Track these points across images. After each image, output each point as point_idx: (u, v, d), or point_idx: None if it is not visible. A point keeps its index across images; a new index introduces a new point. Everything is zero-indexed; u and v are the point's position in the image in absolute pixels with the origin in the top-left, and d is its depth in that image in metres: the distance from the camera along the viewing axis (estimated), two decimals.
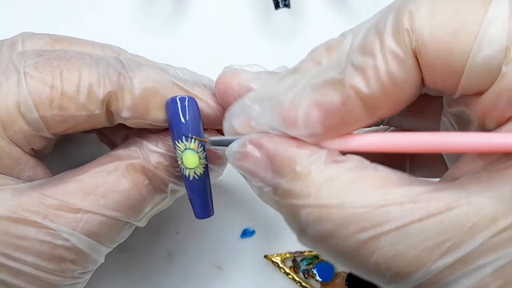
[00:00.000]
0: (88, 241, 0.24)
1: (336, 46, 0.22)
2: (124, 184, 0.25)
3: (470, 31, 0.17)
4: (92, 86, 0.24)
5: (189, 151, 0.25)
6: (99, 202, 0.24)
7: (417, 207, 0.18)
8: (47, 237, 0.23)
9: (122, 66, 0.25)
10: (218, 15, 0.38)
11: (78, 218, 0.24)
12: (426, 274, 0.17)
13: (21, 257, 0.23)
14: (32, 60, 0.24)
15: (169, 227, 0.35)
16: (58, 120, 0.24)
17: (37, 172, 0.26)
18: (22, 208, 0.23)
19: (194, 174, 0.26)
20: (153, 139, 0.26)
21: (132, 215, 0.26)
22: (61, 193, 0.24)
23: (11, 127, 0.24)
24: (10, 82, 0.23)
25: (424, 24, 0.18)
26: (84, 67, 0.24)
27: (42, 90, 0.23)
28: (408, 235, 0.17)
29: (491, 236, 0.17)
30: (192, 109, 0.25)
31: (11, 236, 0.23)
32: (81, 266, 0.25)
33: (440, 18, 0.17)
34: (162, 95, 0.25)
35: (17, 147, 0.24)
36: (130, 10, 0.38)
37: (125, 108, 0.25)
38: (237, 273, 0.34)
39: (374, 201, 0.18)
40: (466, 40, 0.17)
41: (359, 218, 0.18)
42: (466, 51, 0.17)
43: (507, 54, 0.17)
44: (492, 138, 0.17)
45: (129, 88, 0.25)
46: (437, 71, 0.18)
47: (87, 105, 0.24)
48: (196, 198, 0.26)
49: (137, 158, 0.25)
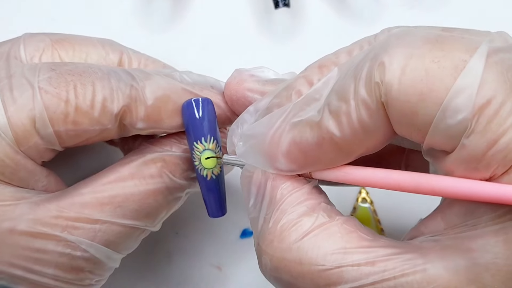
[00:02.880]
0: (106, 251, 0.24)
1: (329, 65, 0.22)
2: (141, 192, 0.25)
3: (436, 97, 0.17)
4: (106, 100, 0.24)
5: (208, 152, 0.25)
6: (116, 211, 0.24)
7: (372, 271, 0.18)
8: (66, 249, 0.23)
9: (132, 78, 0.25)
10: (217, 15, 0.38)
11: (97, 228, 0.24)
12: None
13: (41, 270, 0.23)
14: (45, 75, 0.24)
15: (169, 227, 0.35)
16: (72, 135, 0.24)
17: (50, 180, 0.26)
18: (41, 222, 0.23)
19: (212, 174, 0.26)
20: (167, 144, 0.27)
21: (149, 222, 0.26)
22: (78, 204, 0.24)
23: (26, 142, 0.23)
24: (25, 97, 0.23)
25: (393, 81, 0.17)
26: (97, 82, 0.24)
27: (57, 105, 0.23)
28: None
29: None
30: (208, 110, 0.25)
31: (31, 250, 0.23)
32: (98, 274, 0.25)
33: (409, 77, 0.17)
34: (173, 102, 0.25)
35: (31, 160, 0.24)
36: (130, 10, 0.38)
37: (139, 120, 0.25)
38: (237, 273, 0.34)
39: (331, 260, 0.19)
40: (432, 105, 0.17)
41: (315, 275, 0.19)
42: (431, 115, 0.17)
43: (469, 127, 0.17)
44: (468, 184, 0.18)
45: (142, 99, 0.25)
46: (403, 127, 0.18)
47: (101, 119, 0.24)
48: (212, 198, 0.27)
49: (153, 165, 0.26)
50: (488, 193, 0.17)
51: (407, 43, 0.18)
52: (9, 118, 0.23)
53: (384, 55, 0.18)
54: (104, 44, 0.28)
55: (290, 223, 0.20)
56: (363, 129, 0.19)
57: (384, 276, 0.18)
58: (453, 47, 0.17)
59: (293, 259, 0.20)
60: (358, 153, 0.20)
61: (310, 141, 0.20)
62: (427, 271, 0.18)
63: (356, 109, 0.18)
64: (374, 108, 0.18)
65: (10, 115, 0.23)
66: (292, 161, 0.21)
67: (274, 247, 0.20)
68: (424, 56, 0.17)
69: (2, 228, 0.23)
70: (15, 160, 0.23)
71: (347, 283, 0.19)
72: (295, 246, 0.20)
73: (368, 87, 0.18)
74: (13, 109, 0.23)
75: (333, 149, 0.20)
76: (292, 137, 0.20)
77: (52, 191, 0.25)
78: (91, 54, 0.27)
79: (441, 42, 0.18)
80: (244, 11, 0.38)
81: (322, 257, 0.19)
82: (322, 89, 0.20)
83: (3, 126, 0.23)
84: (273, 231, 0.20)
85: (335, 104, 0.19)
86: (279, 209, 0.21)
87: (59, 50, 0.26)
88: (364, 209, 0.35)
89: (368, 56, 0.19)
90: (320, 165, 0.21)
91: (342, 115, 0.19)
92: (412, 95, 0.17)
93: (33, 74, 0.24)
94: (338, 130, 0.19)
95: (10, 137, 0.23)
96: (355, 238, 0.19)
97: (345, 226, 0.20)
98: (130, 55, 0.28)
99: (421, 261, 0.18)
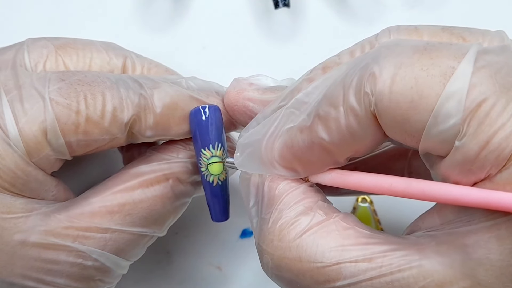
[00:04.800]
0: (116, 259, 0.25)
1: (332, 66, 0.22)
2: (149, 199, 0.25)
3: (427, 103, 0.17)
4: (116, 110, 0.24)
5: (215, 158, 0.26)
6: (126, 219, 0.25)
7: (369, 267, 0.19)
8: (77, 259, 0.24)
9: (141, 86, 0.25)
10: (217, 15, 0.38)
11: (107, 238, 0.24)
12: None
13: (53, 280, 0.23)
14: (55, 86, 0.24)
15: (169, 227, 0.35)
16: (82, 145, 0.24)
17: (59, 189, 0.26)
18: (53, 233, 0.23)
19: (218, 180, 0.26)
20: (173, 151, 0.27)
21: (157, 229, 0.26)
22: (88, 214, 0.24)
23: (37, 154, 0.23)
24: (36, 109, 0.23)
25: (384, 90, 0.18)
26: (107, 91, 0.24)
27: (68, 116, 0.23)
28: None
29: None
30: (216, 117, 0.26)
31: (43, 261, 0.23)
32: (107, 282, 0.25)
33: (400, 86, 0.18)
34: (181, 110, 0.26)
35: (42, 170, 0.24)
36: (130, 10, 0.38)
37: (148, 128, 0.25)
38: (236, 273, 0.34)
39: (330, 257, 0.19)
40: (423, 111, 0.17)
41: (314, 272, 0.20)
42: (422, 121, 0.18)
43: (461, 130, 0.17)
44: (468, 192, 0.18)
45: (150, 108, 0.25)
46: (396, 133, 0.19)
47: (111, 129, 0.24)
48: (216, 203, 0.27)
49: (161, 172, 0.26)
50: (475, 199, 0.17)
51: (396, 53, 0.18)
52: (20, 130, 0.23)
53: (374, 66, 0.18)
54: (108, 48, 0.28)
55: (288, 222, 0.21)
56: (351, 135, 0.19)
57: (381, 272, 0.19)
58: (441, 55, 0.18)
59: (293, 257, 0.20)
60: (347, 156, 0.21)
61: (301, 145, 0.21)
62: (423, 266, 0.18)
63: (345, 115, 0.19)
64: (362, 116, 0.19)
65: (22, 127, 0.23)
66: (287, 165, 0.22)
67: (274, 246, 0.21)
68: (413, 65, 0.18)
69: (14, 240, 0.23)
70: (26, 171, 0.23)
71: (345, 279, 0.19)
72: (294, 244, 0.20)
73: (357, 96, 0.19)
74: (24, 121, 0.23)
75: (323, 152, 0.20)
76: (284, 141, 0.21)
77: (61, 200, 0.26)
78: (95, 59, 0.27)
79: (430, 51, 0.18)
80: (244, 11, 0.38)
81: (321, 254, 0.20)
82: (312, 93, 0.21)
83: (15, 138, 0.23)
84: (272, 231, 0.21)
85: (324, 110, 0.20)
86: (277, 209, 0.21)
87: (63, 56, 0.26)
88: (364, 209, 0.35)
89: (358, 65, 0.19)
90: (313, 168, 0.22)
91: (331, 121, 0.19)
92: (403, 103, 0.18)
93: (43, 85, 0.24)
94: (327, 134, 0.20)
95: (22, 149, 0.23)
96: (352, 235, 0.20)
97: (342, 223, 0.20)
98: (134, 59, 0.28)
99: (417, 256, 0.19)
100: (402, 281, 0.18)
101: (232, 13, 0.38)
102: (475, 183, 0.18)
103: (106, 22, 0.37)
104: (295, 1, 0.37)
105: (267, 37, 0.38)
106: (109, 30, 0.37)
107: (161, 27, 0.38)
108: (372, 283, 0.19)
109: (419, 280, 0.18)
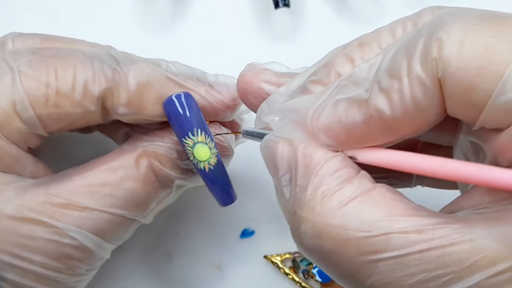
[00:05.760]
0: (95, 239, 0.24)
1: (370, 42, 0.21)
2: (131, 181, 0.25)
3: (496, 70, 0.17)
4: (87, 83, 0.24)
5: (198, 145, 0.25)
6: (105, 200, 0.24)
7: (420, 239, 0.18)
8: (54, 236, 0.23)
9: (117, 62, 0.25)
10: (217, 15, 0.38)
11: (85, 216, 0.24)
12: None
13: (28, 257, 0.23)
14: (26, 59, 0.24)
15: (169, 227, 0.35)
16: (54, 118, 0.24)
17: (38, 167, 0.26)
18: (28, 207, 0.23)
19: (208, 165, 0.26)
20: (159, 135, 0.26)
21: (139, 212, 0.26)
22: (67, 191, 0.24)
23: (7, 126, 0.23)
24: (5, 82, 0.23)
25: (452, 55, 0.17)
26: (79, 64, 0.24)
27: (37, 89, 0.23)
28: (407, 265, 0.18)
29: (488, 277, 0.17)
30: (190, 104, 0.25)
31: (18, 236, 0.23)
32: (87, 263, 0.25)
33: (468, 51, 0.17)
34: (157, 90, 0.25)
35: (15, 145, 0.24)
36: (130, 10, 0.38)
37: (120, 105, 0.25)
38: (236, 273, 0.34)
39: (378, 227, 0.18)
40: (492, 78, 0.17)
41: (360, 242, 0.18)
42: (490, 90, 0.17)
43: None
44: (506, 174, 0.17)
45: (124, 84, 0.24)
46: (459, 104, 0.18)
47: (83, 102, 0.24)
48: (217, 187, 0.26)
49: (144, 155, 0.25)
50: None
51: (462, 20, 0.18)
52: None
53: (440, 31, 0.18)
54: (94, 45, 0.28)
55: (331, 189, 0.19)
56: (415, 108, 0.18)
57: (431, 245, 0.17)
58: (509, 23, 0.17)
59: (337, 225, 0.19)
60: (406, 133, 0.19)
61: (356, 119, 0.19)
62: (476, 241, 0.17)
63: (410, 86, 0.18)
64: (429, 85, 0.18)
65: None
66: (334, 138, 0.20)
67: (317, 213, 0.19)
68: (482, 31, 0.17)
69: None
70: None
71: (393, 251, 0.18)
72: (339, 212, 0.19)
73: (424, 64, 0.18)
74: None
75: (380, 128, 0.19)
76: (337, 114, 0.20)
77: (40, 178, 0.25)
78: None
79: (497, 19, 0.18)
80: (244, 11, 0.38)
81: (368, 224, 0.18)
82: (369, 70, 0.20)
83: None
84: (313, 198, 0.20)
85: (385, 82, 0.19)
86: (317, 176, 0.20)
87: (47, 45, 0.26)
88: None
89: (420, 33, 0.18)
90: (362, 144, 0.20)
91: (394, 93, 0.18)
92: (471, 69, 0.17)
93: (14, 58, 0.24)
94: (388, 108, 0.19)
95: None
96: (400, 206, 0.19)
97: (389, 194, 0.19)
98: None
99: (468, 230, 0.18)
100: (454, 256, 0.17)
101: (232, 13, 0.38)
102: None
103: (106, 22, 0.37)
104: (295, 1, 0.37)
105: (267, 37, 0.38)
106: (109, 30, 0.37)
107: (161, 27, 0.38)
108: (421, 256, 0.18)
109: (471, 255, 0.17)
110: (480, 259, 0.17)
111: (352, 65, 0.21)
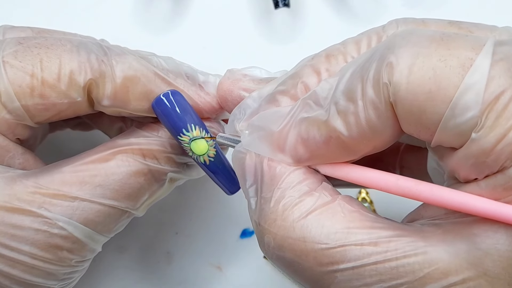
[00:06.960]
0: (85, 230, 0.24)
1: (336, 55, 0.22)
2: (122, 172, 0.25)
3: (445, 94, 0.17)
4: (73, 73, 0.24)
5: (195, 140, 0.25)
6: (96, 190, 0.24)
7: (375, 251, 0.19)
8: (42, 226, 0.23)
9: (104, 53, 0.25)
10: (218, 15, 0.38)
11: (75, 206, 0.24)
12: None
13: (17, 247, 0.23)
14: (11, 49, 0.24)
15: (169, 227, 0.35)
16: (41, 109, 0.24)
17: (27, 158, 0.26)
18: (17, 197, 0.23)
19: (208, 158, 0.26)
20: (154, 128, 0.26)
21: (130, 204, 0.26)
22: (57, 181, 0.24)
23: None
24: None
25: (401, 80, 0.18)
26: (65, 54, 0.24)
27: (22, 79, 0.23)
28: (364, 275, 0.19)
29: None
30: (179, 101, 0.25)
31: (7, 226, 0.23)
32: (78, 255, 0.25)
33: (417, 76, 0.17)
34: (143, 85, 0.25)
35: (3, 135, 0.24)
36: (130, 10, 0.38)
37: (105, 97, 0.25)
38: (236, 273, 0.34)
39: (335, 239, 0.19)
40: (441, 103, 0.17)
41: (318, 253, 0.19)
42: (439, 113, 0.17)
43: (479, 122, 0.17)
44: (456, 196, 0.18)
45: (110, 76, 0.24)
46: (411, 125, 0.18)
47: (69, 92, 0.24)
48: (220, 177, 0.27)
49: (136, 146, 0.25)
50: (487, 210, 0.17)
51: (413, 43, 0.18)
52: None
53: (390, 56, 0.18)
54: (88, 37, 0.28)
55: (292, 202, 0.20)
56: (371, 129, 0.19)
57: (386, 257, 0.18)
58: (458, 46, 0.18)
59: (297, 237, 0.20)
60: (364, 151, 0.20)
61: (317, 139, 0.20)
62: (429, 253, 0.18)
63: (365, 109, 0.19)
64: (382, 109, 0.18)
65: None
66: (297, 156, 0.21)
67: (278, 225, 0.20)
68: (431, 55, 0.17)
69: None
70: None
71: (350, 262, 0.19)
72: (298, 224, 0.20)
73: (376, 88, 0.18)
74: None
75: (340, 148, 0.20)
76: (299, 134, 0.21)
77: (30, 169, 0.25)
78: None
79: (447, 41, 0.18)
80: (244, 11, 0.38)
81: (326, 236, 0.19)
82: (330, 90, 0.21)
83: None
84: (275, 210, 0.20)
85: (343, 104, 0.19)
86: (279, 188, 0.21)
87: None
88: None
89: (374, 56, 0.19)
90: (325, 161, 0.21)
91: (350, 115, 0.19)
92: (421, 94, 0.17)
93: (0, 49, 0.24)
94: (345, 129, 0.19)
95: None
96: (357, 218, 0.20)
97: (347, 206, 0.20)
98: None
99: (422, 243, 0.18)
100: (407, 267, 0.18)
101: (232, 13, 0.38)
102: (487, 176, 0.18)
103: (106, 22, 0.37)
104: (295, 1, 0.37)
105: (267, 37, 0.38)
106: (109, 30, 0.37)
107: (161, 27, 0.38)
108: (376, 267, 0.18)
109: (424, 267, 0.18)
110: (432, 271, 0.18)
111: (318, 77, 0.22)
